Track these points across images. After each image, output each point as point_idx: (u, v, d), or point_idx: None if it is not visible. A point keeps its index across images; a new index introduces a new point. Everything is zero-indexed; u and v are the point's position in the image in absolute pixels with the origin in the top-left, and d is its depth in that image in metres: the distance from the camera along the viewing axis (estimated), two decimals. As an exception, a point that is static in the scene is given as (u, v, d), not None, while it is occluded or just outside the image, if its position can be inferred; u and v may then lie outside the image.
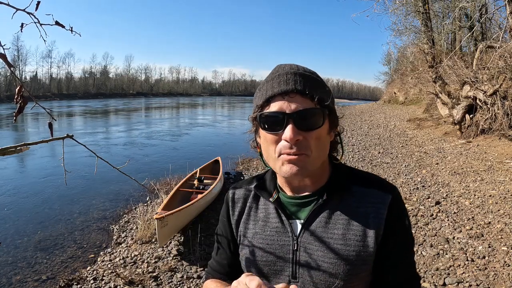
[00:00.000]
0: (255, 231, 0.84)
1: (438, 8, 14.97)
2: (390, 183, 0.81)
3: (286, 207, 0.81)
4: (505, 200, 4.84)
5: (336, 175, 0.81)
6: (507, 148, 7.56)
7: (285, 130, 0.70)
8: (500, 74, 8.46)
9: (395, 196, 0.77)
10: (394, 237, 0.76)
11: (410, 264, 0.79)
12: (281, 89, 0.71)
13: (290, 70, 0.74)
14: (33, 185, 7.31)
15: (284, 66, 0.77)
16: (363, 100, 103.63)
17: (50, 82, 70.54)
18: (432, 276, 3.25)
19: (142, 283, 3.43)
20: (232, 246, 0.91)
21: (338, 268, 0.74)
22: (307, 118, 0.70)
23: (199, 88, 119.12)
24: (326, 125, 0.74)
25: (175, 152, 11.42)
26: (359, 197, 0.78)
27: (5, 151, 0.89)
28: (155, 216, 3.93)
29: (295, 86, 0.71)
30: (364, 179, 0.81)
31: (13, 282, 3.68)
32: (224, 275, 0.93)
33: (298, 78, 0.72)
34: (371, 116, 21.73)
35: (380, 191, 0.77)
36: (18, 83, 0.88)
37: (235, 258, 0.90)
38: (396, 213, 0.76)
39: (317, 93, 0.72)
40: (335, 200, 0.78)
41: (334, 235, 0.76)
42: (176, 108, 44.05)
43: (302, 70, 0.76)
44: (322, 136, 0.74)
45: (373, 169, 7.54)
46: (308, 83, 0.73)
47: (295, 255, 0.78)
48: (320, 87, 0.74)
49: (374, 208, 0.76)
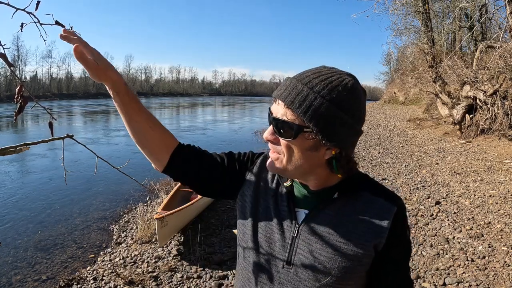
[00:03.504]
0: (265, 206, 0.86)
1: (438, 8, 14.97)
2: (396, 194, 0.84)
3: (296, 196, 0.84)
4: (505, 200, 4.84)
5: (348, 178, 0.82)
6: (507, 148, 7.56)
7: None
8: (500, 74, 8.47)
9: (400, 207, 0.80)
10: (395, 247, 0.79)
11: (406, 270, 0.85)
12: (274, 93, 0.77)
13: (293, 77, 0.74)
14: (33, 185, 7.31)
15: (303, 72, 0.76)
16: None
17: (50, 82, 70.55)
18: (432, 276, 3.25)
19: (142, 283, 3.43)
20: (225, 171, 0.90)
21: (334, 263, 0.76)
22: (279, 127, 0.74)
23: (199, 88, 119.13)
24: (301, 141, 0.72)
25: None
26: (366, 202, 0.80)
27: (5, 151, 0.89)
28: (155, 216, 3.93)
29: (280, 92, 0.74)
30: (373, 186, 0.83)
31: (13, 282, 3.68)
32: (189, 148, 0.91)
33: (289, 86, 0.72)
34: (371, 116, 21.73)
35: (386, 201, 0.80)
36: (18, 82, 0.88)
37: (211, 172, 0.89)
38: (400, 225, 0.80)
39: (299, 109, 0.69)
40: (343, 200, 0.80)
41: (335, 232, 0.78)
42: (176, 108, 44.04)
43: (304, 80, 0.72)
44: (294, 148, 0.74)
45: (373, 169, 7.54)
46: (292, 97, 0.70)
47: (293, 241, 0.80)
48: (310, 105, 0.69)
49: (379, 216, 0.78)
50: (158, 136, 0.87)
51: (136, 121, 0.85)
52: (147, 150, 0.89)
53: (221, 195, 0.95)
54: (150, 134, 0.86)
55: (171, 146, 0.89)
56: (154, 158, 0.90)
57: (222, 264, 3.77)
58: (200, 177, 0.90)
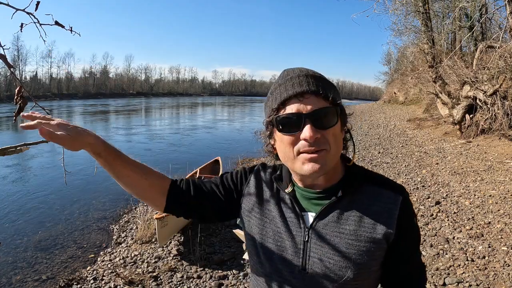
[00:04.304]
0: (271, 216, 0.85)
1: (438, 8, 14.97)
2: (399, 184, 0.84)
3: (300, 200, 0.84)
4: (505, 200, 4.84)
5: (349, 174, 0.83)
6: (507, 148, 7.56)
7: (303, 130, 0.72)
8: (500, 74, 8.46)
9: (405, 196, 0.81)
10: (406, 236, 0.80)
11: (418, 256, 0.85)
12: (295, 91, 0.74)
13: (301, 73, 0.77)
14: (33, 185, 7.31)
15: (294, 70, 0.80)
16: (363, 100, 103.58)
17: (50, 82, 70.54)
18: (432, 276, 3.25)
19: (142, 283, 3.43)
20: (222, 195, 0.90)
21: (349, 262, 0.76)
22: (323, 117, 0.73)
23: (199, 88, 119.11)
24: (339, 122, 0.77)
25: (175, 152, 11.42)
26: (371, 196, 0.80)
27: (5, 151, 0.90)
28: (155, 216, 3.93)
29: (309, 87, 0.74)
30: (375, 179, 0.83)
31: (13, 282, 3.68)
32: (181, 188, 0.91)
33: (310, 80, 0.75)
34: (371, 116, 21.73)
35: (391, 191, 0.81)
36: (18, 83, 0.88)
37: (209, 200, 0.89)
38: (407, 213, 0.80)
39: (330, 92, 0.75)
40: (348, 197, 0.80)
41: (345, 231, 0.78)
42: (176, 108, 44.04)
43: (312, 72, 0.79)
44: (337, 133, 0.77)
45: (373, 169, 7.53)
46: (321, 84, 0.76)
47: (305, 246, 0.79)
48: (331, 87, 0.77)
49: (386, 208, 0.79)
50: (150, 183, 0.87)
51: (125, 175, 0.85)
52: (143, 198, 0.90)
53: (224, 218, 0.95)
54: (142, 184, 0.86)
55: (164, 189, 0.89)
56: (151, 204, 0.91)
57: (222, 264, 3.77)
58: (200, 208, 0.90)
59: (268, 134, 0.83)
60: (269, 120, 0.79)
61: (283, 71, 0.82)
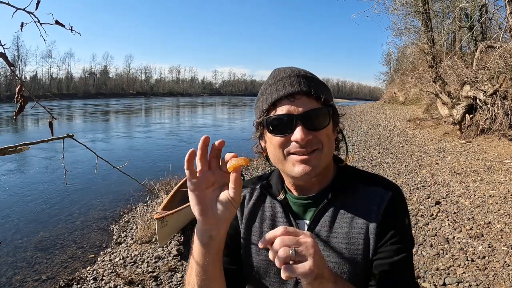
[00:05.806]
0: (262, 230, 0.83)
1: (438, 8, 14.97)
2: (394, 183, 0.82)
3: (293, 208, 0.82)
4: (505, 200, 4.84)
5: (340, 175, 0.82)
6: (507, 148, 7.56)
7: (295, 131, 0.70)
8: (500, 74, 8.46)
9: (396, 193, 0.78)
10: (387, 232, 0.74)
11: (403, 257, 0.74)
12: (286, 92, 0.72)
13: (292, 73, 0.75)
14: (33, 185, 7.31)
15: (285, 69, 0.78)
16: (363, 100, 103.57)
17: (50, 82, 70.56)
18: (432, 276, 3.25)
19: (142, 283, 3.43)
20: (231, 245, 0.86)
21: (343, 267, 0.75)
22: (314, 118, 0.72)
23: (199, 88, 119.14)
24: (331, 123, 0.76)
25: (175, 152, 11.41)
26: (364, 195, 0.78)
27: (5, 151, 0.89)
28: (155, 216, 3.93)
29: (300, 87, 0.72)
30: (368, 178, 0.82)
31: (13, 282, 3.68)
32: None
33: (302, 80, 0.74)
34: (371, 116, 21.73)
35: (382, 188, 0.79)
36: (18, 82, 0.88)
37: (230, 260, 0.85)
38: (395, 210, 0.76)
39: (322, 93, 0.74)
40: (340, 199, 0.78)
41: (338, 234, 0.77)
42: (176, 108, 44.02)
43: (303, 72, 0.77)
44: (330, 134, 0.76)
45: (373, 169, 7.53)
46: (312, 84, 0.74)
47: None
48: (323, 87, 0.76)
49: (376, 205, 0.77)
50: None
51: (210, 271, 0.70)
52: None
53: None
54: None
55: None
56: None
57: (222, 264, 3.77)
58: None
59: (258, 135, 0.80)
60: (260, 121, 0.76)
61: (274, 70, 0.80)
